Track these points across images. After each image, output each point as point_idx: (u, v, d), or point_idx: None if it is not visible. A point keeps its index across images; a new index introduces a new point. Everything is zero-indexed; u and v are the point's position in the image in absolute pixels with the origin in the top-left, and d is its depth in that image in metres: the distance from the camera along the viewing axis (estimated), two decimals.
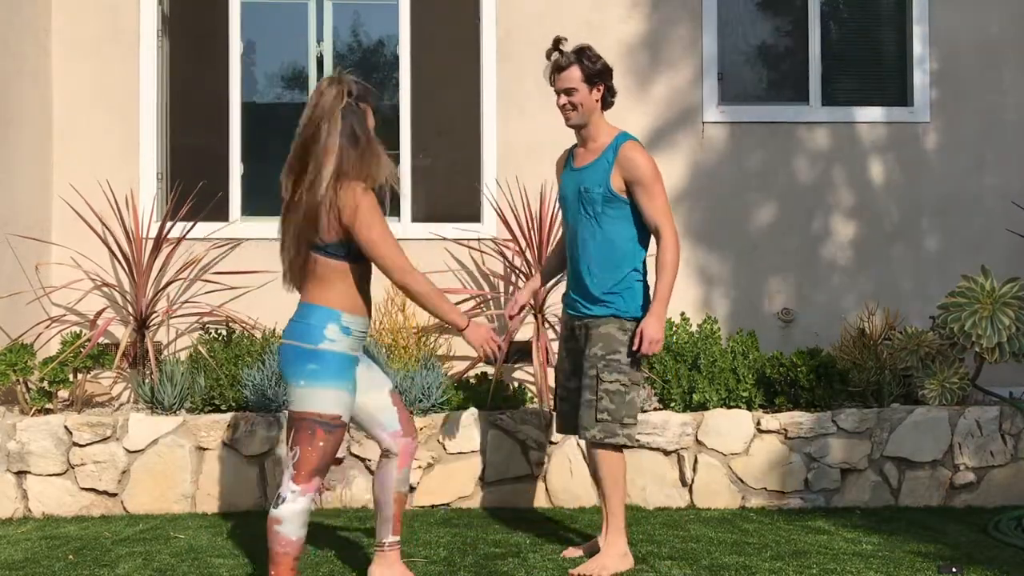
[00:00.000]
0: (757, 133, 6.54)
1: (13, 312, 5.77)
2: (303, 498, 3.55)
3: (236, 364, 5.54)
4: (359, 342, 3.69)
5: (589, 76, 4.21)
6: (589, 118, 4.27)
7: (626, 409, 4.17)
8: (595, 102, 4.25)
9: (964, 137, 6.58)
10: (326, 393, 3.56)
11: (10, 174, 5.84)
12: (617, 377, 4.16)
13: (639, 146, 4.22)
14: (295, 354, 3.58)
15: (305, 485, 3.55)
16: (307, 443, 3.54)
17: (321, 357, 3.56)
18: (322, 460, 3.57)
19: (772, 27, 6.89)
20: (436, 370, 5.52)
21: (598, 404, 4.15)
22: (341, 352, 3.60)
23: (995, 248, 6.46)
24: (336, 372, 3.58)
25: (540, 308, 5.91)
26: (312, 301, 3.63)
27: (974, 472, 5.44)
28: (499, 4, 6.47)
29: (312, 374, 3.55)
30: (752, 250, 6.51)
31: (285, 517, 3.54)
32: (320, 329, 3.57)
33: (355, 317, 3.64)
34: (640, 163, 4.16)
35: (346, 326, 3.61)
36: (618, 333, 4.19)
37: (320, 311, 3.60)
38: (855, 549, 4.58)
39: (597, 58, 4.24)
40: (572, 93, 4.23)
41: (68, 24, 6.33)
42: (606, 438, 4.15)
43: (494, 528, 4.90)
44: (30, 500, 5.19)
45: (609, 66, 4.29)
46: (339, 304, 3.61)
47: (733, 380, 5.54)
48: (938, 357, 5.59)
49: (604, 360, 4.17)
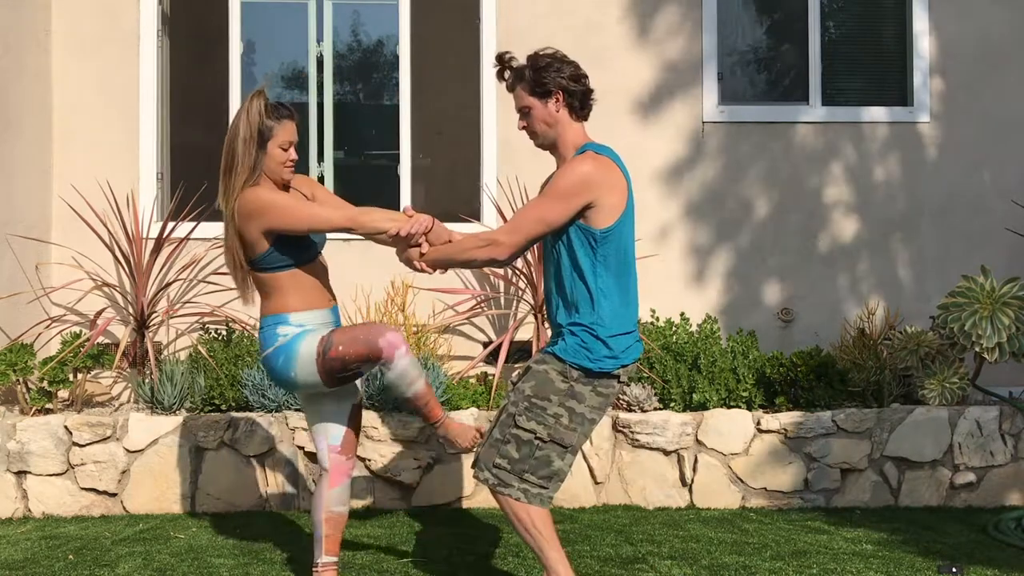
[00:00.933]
0: (757, 133, 6.54)
1: (13, 312, 5.77)
2: (395, 363, 3.60)
3: (236, 364, 5.55)
4: (320, 330, 3.71)
5: (538, 90, 3.58)
6: (553, 136, 3.61)
7: (532, 467, 3.48)
8: (554, 115, 3.58)
9: (964, 137, 6.58)
10: (301, 357, 3.63)
11: (10, 174, 5.84)
12: (535, 428, 3.48)
13: (583, 159, 3.51)
14: (268, 364, 3.72)
15: (385, 353, 3.58)
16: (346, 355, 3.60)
17: (281, 350, 3.67)
18: (362, 334, 3.61)
19: (772, 27, 6.89)
20: (436, 370, 5.52)
21: (500, 448, 3.52)
22: (295, 335, 3.67)
23: (995, 248, 6.46)
24: (296, 343, 3.65)
25: (540, 308, 5.91)
26: (263, 313, 3.76)
27: (974, 472, 5.44)
28: (499, 4, 6.46)
29: (287, 363, 3.66)
30: (752, 250, 6.51)
31: (390, 382, 3.67)
32: (272, 332, 3.69)
33: (306, 313, 3.72)
34: (560, 173, 3.53)
35: (298, 323, 3.69)
36: (557, 378, 3.51)
37: (269, 320, 3.72)
38: (855, 549, 4.58)
39: (546, 66, 3.57)
40: (527, 114, 3.62)
41: (68, 24, 6.33)
42: (497, 486, 3.51)
43: (494, 528, 4.90)
44: (30, 500, 5.19)
45: (565, 68, 3.58)
46: (284, 308, 3.71)
47: (733, 380, 5.54)
48: (938, 357, 5.59)
49: (528, 401, 3.51)
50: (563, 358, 3.49)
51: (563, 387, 3.49)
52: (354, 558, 4.38)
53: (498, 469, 3.51)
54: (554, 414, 3.48)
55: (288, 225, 3.64)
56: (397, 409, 5.32)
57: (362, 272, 6.11)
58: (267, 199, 3.65)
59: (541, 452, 3.48)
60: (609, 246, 3.49)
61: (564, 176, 3.50)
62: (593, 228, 3.47)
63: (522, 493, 3.48)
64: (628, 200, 3.54)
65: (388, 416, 5.29)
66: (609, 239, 3.49)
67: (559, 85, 3.55)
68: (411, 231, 3.69)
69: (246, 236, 3.68)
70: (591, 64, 6.43)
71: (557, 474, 3.52)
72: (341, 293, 6.20)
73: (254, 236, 3.66)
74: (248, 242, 3.69)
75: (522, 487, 3.48)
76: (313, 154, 6.51)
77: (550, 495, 3.52)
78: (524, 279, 6.08)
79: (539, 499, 3.49)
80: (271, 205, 3.64)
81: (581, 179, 3.46)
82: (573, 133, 3.61)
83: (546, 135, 3.62)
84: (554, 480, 3.52)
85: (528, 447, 3.48)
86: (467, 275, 6.34)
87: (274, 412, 5.31)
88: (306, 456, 5.27)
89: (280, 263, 3.69)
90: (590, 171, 3.47)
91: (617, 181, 3.52)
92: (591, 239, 3.48)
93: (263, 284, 3.74)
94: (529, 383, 3.52)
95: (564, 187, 3.47)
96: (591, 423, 3.55)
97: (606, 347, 3.48)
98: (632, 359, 3.58)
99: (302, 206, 3.70)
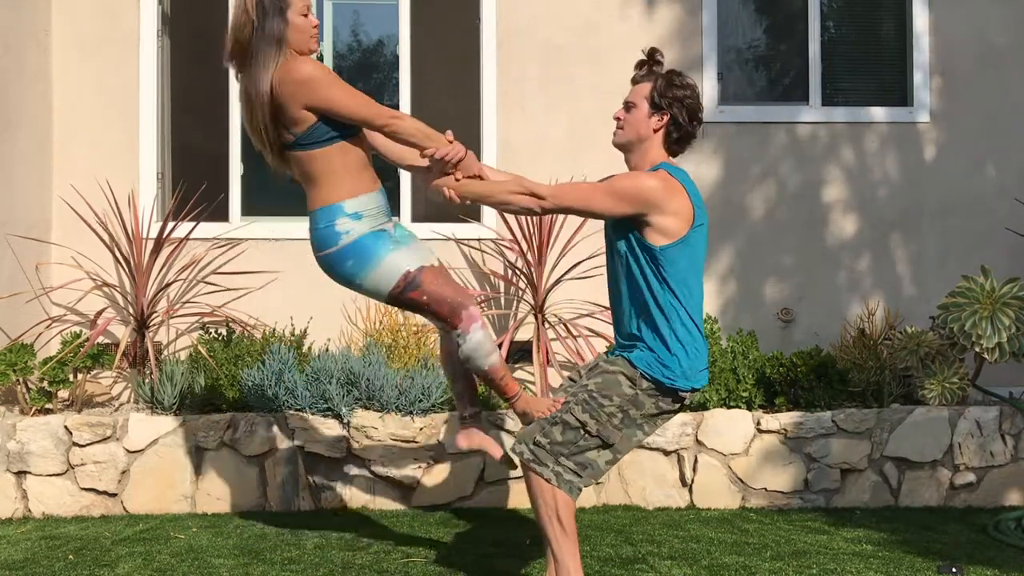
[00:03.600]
0: (757, 133, 6.55)
1: (13, 312, 5.77)
2: (471, 335, 3.55)
3: (236, 364, 5.55)
4: (377, 217, 3.58)
5: (655, 98, 3.60)
6: (636, 145, 3.66)
7: (570, 451, 3.51)
8: (651, 130, 3.62)
9: (964, 137, 6.58)
10: (381, 268, 3.52)
11: (10, 174, 5.84)
12: (587, 420, 3.52)
13: (653, 174, 3.56)
14: (329, 264, 3.56)
15: (463, 324, 3.55)
16: (425, 304, 3.55)
17: (350, 251, 3.52)
18: (450, 295, 3.55)
19: (772, 26, 6.89)
20: (436, 370, 5.52)
21: (545, 427, 3.55)
22: (364, 234, 3.53)
23: (995, 248, 6.46)
24: (371, 250, 3.52)
25: (540, 308, 5.91)
26: (312, 207, 3.57)
27: (974, 472, 5.44)
28: (499, 4, 6.46)
29: (357, 267, 3.53)
30: (752, 250, 6.51)
31: (466, 355, 3.58)
32: (331, 231, 3.52)
33: (359, 199, 3.54)
34: (625, 174, 3.64)
35: (353, 213, 3.53)
36: (625, 382, 3.56)
37: (321, 213, 3.53)
38: (855, 549, 4.58)
39: (678, 86, 3.61)
40: (630, 108, 3.66)
41: (68, 24, 6.33)
42: (531, 462, 3.52)
43: (494, 528, 4.90)
44: (30, 500, 5.19)
45: (688, 102, 3.61)
46: (336, 196, 3.52)
47: (733, 380, 5.54)
48: (938, 357, 5.59)
49: (589, 395, 3.55)
50: (637, 365, 3.54)
51: (629, 392, 3.54)
52: (354, 558, 4.38)
53: (537, 447, 3.52)
54: (609, 413, 3.52)
55: (336, 105, 3.44)
56: (397, 409, 5.33)
57: None
58: (320, 73, 3.43)
59: (584, 443, 3.52)
60: (673, 266, 3.52)
61: (627, 178, 3.57)
62: (651, 244, 3.52)
63: (554, 475, 3.50)
64: (693, 226, 3.55)
65: (388, 416, 5.29)
66: (670, 258, 3.51)
67: (672, 110, 3.60)
68: (448, 156, 3.56)
69: (288, 112, 3.44)
70: (591, 64, 6.53)
71: (592, 467, 3.54)
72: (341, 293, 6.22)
73: (296, 113, 3.44)
74: (290, 119, 3.46)
75: (556, 469, 3.50)
76: None
77: (580, 485, 3.53)
78: (524, 279, 6.09)
79: (569, 486, 3.51)
80: (322, 79, 3.41)
81: (638, 189, 3.51)
82: (656, 153, 3.65)
83: (630, 140, 3.66)
84: (588, 471, 3.54)
85: (574, 433, 3.52)
86: (467, 275, 6.34)
87: (274, 412, 5.31)
88: (306, 456, 5.27)
89: (329, 135, 3.49)
90: (652, 187, 3.51)
91: (680, 207, 3.53)
92: (651, 255, 3.53)
93: (308, 165, 3.52)
94: (595, 380, 3.57)
95: (620, 188, 3.52)
96: (639, 431, 3.59)
97: (681, 367, 3.55)
98: (702, 384, 3.63)
99: (354, 89, 3.49)
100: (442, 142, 3.59)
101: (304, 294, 6.15)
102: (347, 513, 5.20)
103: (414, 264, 3.54)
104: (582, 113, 6.38)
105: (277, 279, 6.23)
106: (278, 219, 6.43)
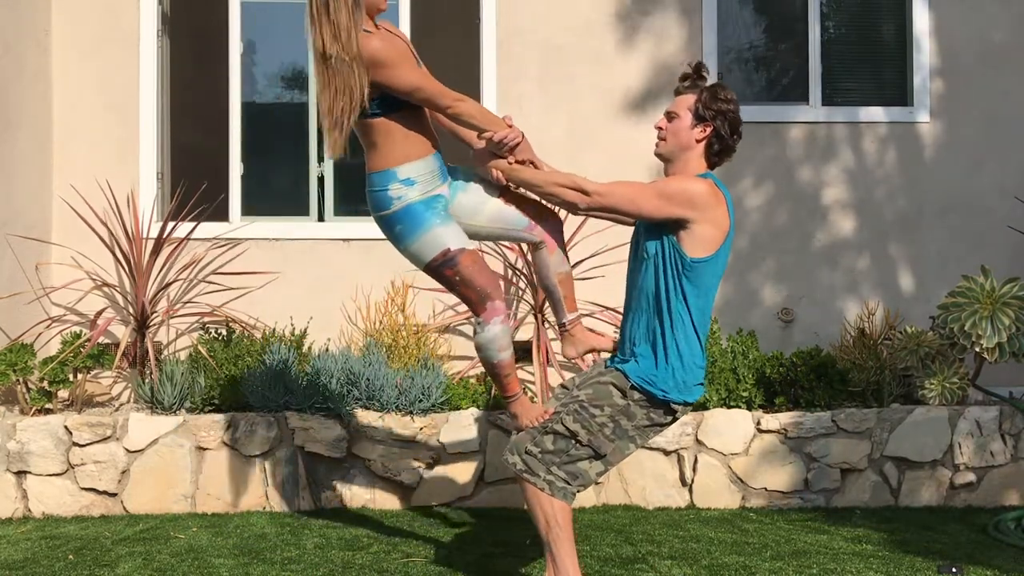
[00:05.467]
0: (757, 133, 6.54)
1: (13, 312, 5.77)
2: (490, 326, 3.61)
3: (236, 364, 5.55)
4: (431, 182, 3.66)
5: (699, 109, 3.60)
6: (678, 155, 3.66)
7: (562, 460, 3.52)
8: (693, 141, 3.62)
9: (964, 137, 6.58)
10: (425, 238, 3.61)
11: (10, 174, 5.84)
12: (577, 430, 3.52)
13: (703, 180, 3.60)
14: (384, 224, 3.67)
15: (485, 314, 3.61)
16: (456, 283, 3.63)
17: (399, 217, 3.62)
18: (480, 283, 3.61)
19: (772, 26, 6.89)
20: (436, 370, 5.52)
21: (536, 437, 3.55)
22: (414, 202, 3.62)
23: (995, 247, 6.46)
24: (420, 219, 3.61)
25: (540, 308, 5.91)
26: (369, 169, 3.67)
27: (974, 472, 5.44)
28: (499, 4, 6.46)
29: (405, 233, 3.63)
30: (752, 250, 6.51)
31: (480, 345, 3.65)
32: (384, 195, 3.63)
33: (412, 164, 3.62)
34: (674, 177, 3.66)
35: (406, 179, 3.62)
36: (616, 394, 3.56)
37: (376, 176, 3.64)
38: (855, 549, 4.58)
39: (722, 99, 3.61)
40: (672, 118, 3.65)
41: (68, 24, 6.33)
42: (523, 472, 3.52)
43: (494, 528, 4.91)
44: (30, 500, 5.19)
45: (732, 116, 3.63)
46: (392, 161, 3.61)
47: (733, 380, 5.55)
48: (938, 357, 5.59)
49: (580, 405, 3.56)
50: (629, 377, 3.55)
51: (620, 403, 3.55)
52: (354, 558, 4.38)
53: (528, 456, 3.54)
54: (600, 423, 3.53)
55: (400, 85, 3.52)
56: (397, 409, 5.33)
57: (362, 272, 6.12)
58: (384, 53, 3.49)
59: (576, 452, 3.53)
60: (697, 279, 3.53)
61: (676, 181, 3.59)
62: (684, 253, 3.52)
63: (546, 484, 3.51)
64: (724, 244, 3.58)
65: (388, 416, 5.29)
66: (697, 272, 3.53)
67: (716, 122, 3.61)
68: (505, 139, 3.65)
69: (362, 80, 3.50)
70: (591, 63, 6.53)
71: (583, 476, 3.56)
72: (341, 293, 6.24)
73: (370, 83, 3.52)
74: None
75: (548, 478, 3.51)
76: (313, 154, 6.51)
77: (573, 492, 3.55)
78: (524, 279, 6.08)
79: (563, 493, 3.52)
80: (387, 59, 3.49)
81: (689, 192, 3.53)
82: (696, 164, 3.67)
83: (672, 151, 3.67)
84: (578, 481, 3.55)
85: (565, 443, 3.53)
86: None
87: (274, 412, 5.31)
88: (306, 456, 5.27)
89: (394, 105, 3.56)
90: (702, 192, 3.53)
91: (721, 219, 3.56)
92: (681, 263, 3.52)
93: (371, 132, 3.61)
94: (586, 390, 3.59)
95: (669, 189, 3.54)
96: (631, 443, 3.60)
97: (675, 379, 3.54)
98: (695, 398, 3.63)
99: (422, 71, 3.62)
100: (501, 125, 3.68)
101: (304, 294, 6.15)
102: (347, 513, 5.20)
103: (456, 244, 3.63)
104: (582, 113, 6.38)
105: (277, 279, 6.23)
106: (278, 219, 6.44)
